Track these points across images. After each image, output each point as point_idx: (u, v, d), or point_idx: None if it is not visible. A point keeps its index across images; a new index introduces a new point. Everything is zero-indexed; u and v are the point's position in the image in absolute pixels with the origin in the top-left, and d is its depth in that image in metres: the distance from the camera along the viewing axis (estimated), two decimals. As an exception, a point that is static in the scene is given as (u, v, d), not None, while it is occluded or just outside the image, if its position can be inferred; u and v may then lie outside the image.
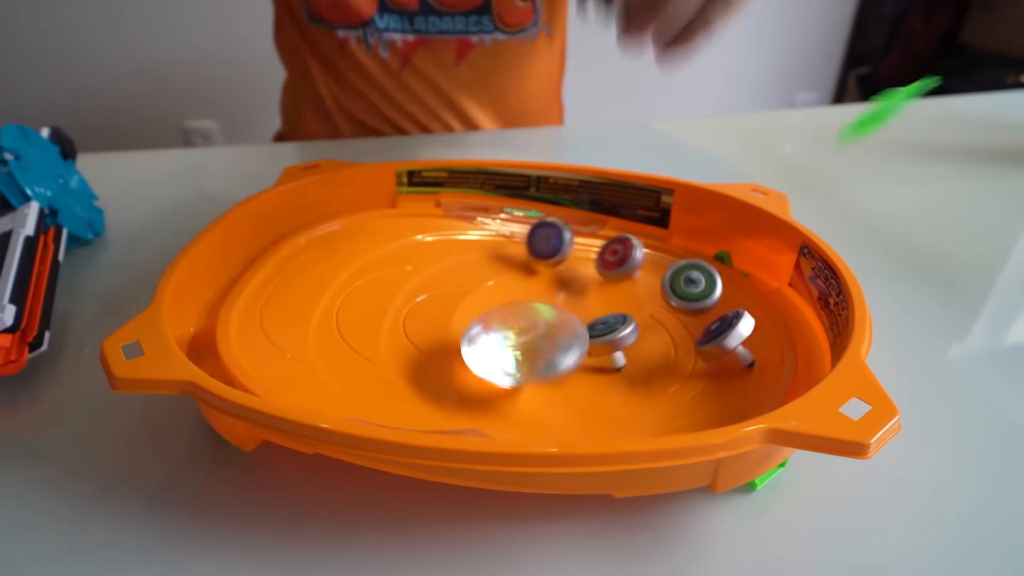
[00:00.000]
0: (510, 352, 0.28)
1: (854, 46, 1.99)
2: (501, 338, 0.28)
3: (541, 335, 0.28)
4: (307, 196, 0.41)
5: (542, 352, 0.28)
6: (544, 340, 0.28)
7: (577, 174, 0.42)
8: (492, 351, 0.28)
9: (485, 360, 0.28)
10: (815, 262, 0.33)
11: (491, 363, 0.28)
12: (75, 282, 0.41)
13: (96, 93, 1.61)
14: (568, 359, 0.27)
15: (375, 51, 0.69)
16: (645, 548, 0.25)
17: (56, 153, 0.45)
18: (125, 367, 0.25)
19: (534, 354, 0.28)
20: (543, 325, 0.28)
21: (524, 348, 0.28)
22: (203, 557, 0.24)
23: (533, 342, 0.28)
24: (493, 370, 0.28)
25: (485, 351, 0.28)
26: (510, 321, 0.29)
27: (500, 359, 0.28)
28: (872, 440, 0.21)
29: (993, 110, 0.71)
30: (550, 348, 0.28)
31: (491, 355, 0.28)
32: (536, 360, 0.27)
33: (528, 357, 0.27)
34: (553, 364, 0.27)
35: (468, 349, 0.29)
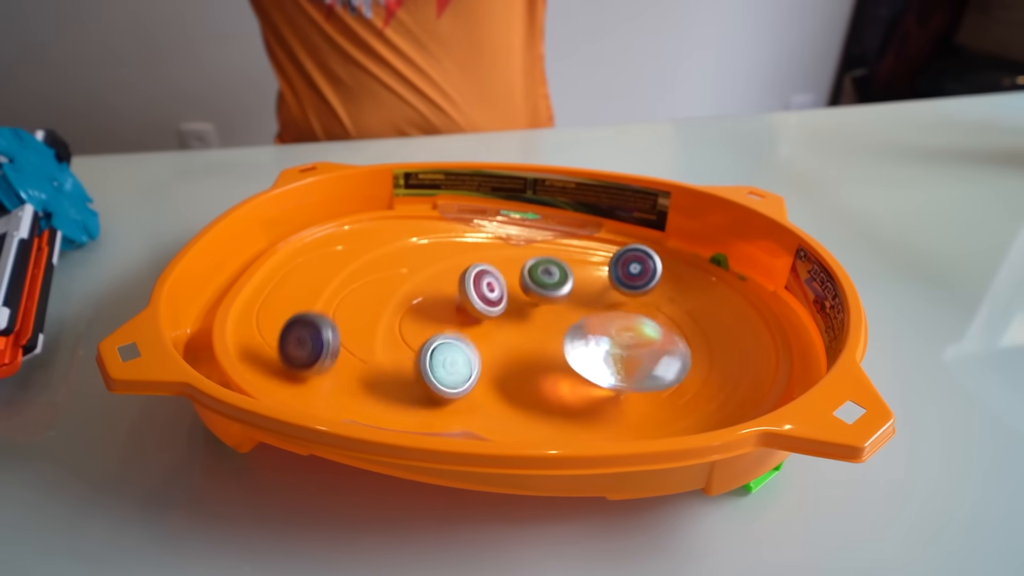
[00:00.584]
0: (613, 358, 0.28)
1: (850, 48, 1.99)
2: (607, 343, 0.28)
3: (644, 345, 0.28)
4: (304, 198, 0.41)
5: (644, 363, 0.28)
6: (647, 351, 0.28)
7: (573, 176, 0.42)
8: (596, 354, 0.28)
9: (588, 362, 0.28)
10: (811, 265, 0.33)
11: (594, 366, 0.28)
12: (69, 285, 0.41)
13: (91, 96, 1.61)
14: (670, 372, 0.28)
15: (359, 12, 0.70)
16: (639, 551, 0.25)
17: (50, 156, 0.45)
18: (121, 368, 0.25)
19: (636, 363, 0.28)
20: (647, 338, 0.29)
21: (628, 356, 0.28)
22: (199, 558, 0.24)
23: (636, 351, 0.28)
24: (596, 372, 0.28)
25: (589, 353, 0.28)
26: (615, 329, 0.29)
27: (604, 363, 0.28)
28: (866, 444, 0.21)
29: (988, 112, 0.71)
30: (652, 360, 0.28)
31: (595, 358, 0.28)
32: (637, 369, 0.28)
33: (630, 365, 0.28)
34: (654, 376, 0.27)
35: (571, 348, 0.29)
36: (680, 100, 2.00)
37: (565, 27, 0.86)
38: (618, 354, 0.28)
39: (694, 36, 1.90)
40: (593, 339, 0.29)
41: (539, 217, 0.43)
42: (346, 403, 0.29)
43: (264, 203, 0.39)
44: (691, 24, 1.87)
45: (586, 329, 0.29)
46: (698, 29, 1.89)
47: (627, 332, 0.29)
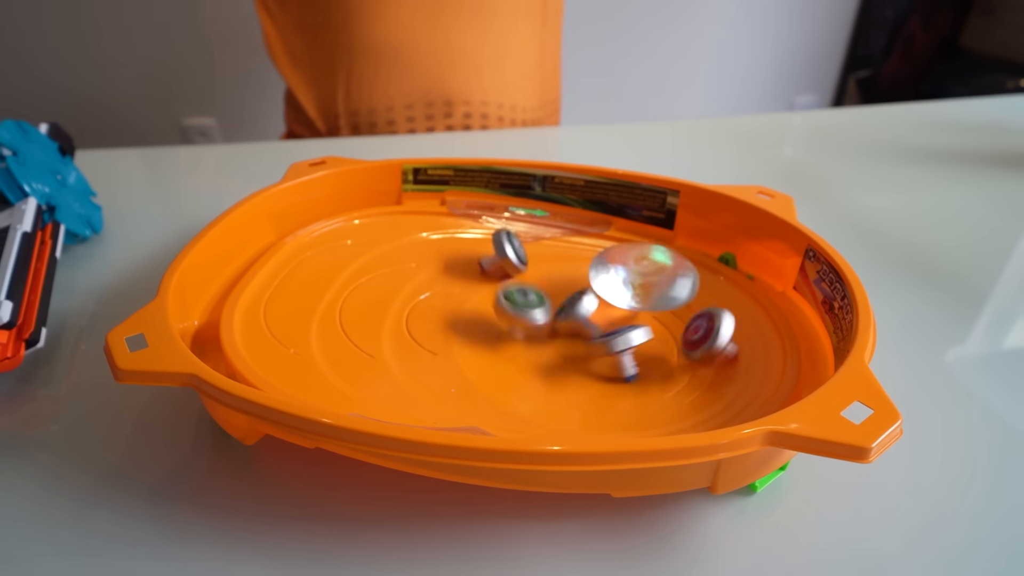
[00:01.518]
0: (632, 285, 0.33)
1: (854, 49, 1.99)
2: (624, 271, 0.33)
3: (657, 270, 0.33)
4: (313, 192, 0.41)
5: (660, 286, 0.33)
6: (660, 276, 0.33)
7: (582, 174, 0.42)
8: (616, 281, 0.33)
9: (611, 288, 0.33)
10: (820, 266, 0.33)
11: (616, 291, 0.33)
12: (73, 279, 0.41)
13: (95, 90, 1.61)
14: (682, 293, 0.33)
15: None
16: (644, 549, 0.25)
17: (54, 149, 0.45)
18: (129, 359, 0.25)
19: (651, 287, 0.33)
20: (660, 264, 0.33)
21: (644, 282, 0.33)
22: (205, 550, 0.24)
23: (652, 276, 0.33)
24: (618, 297, 0.33)
25: (611, 281, 0.33)
26: (633, 258, 0.34)
27: (623, 288, 0.33)
28: (873, 444, 0.21)
29: (993, 115, 0.71)
30: (666, 283, 0.33)
31: (616, 284, 0.33)
32: (653, 292, 0.33)
33: (647, 290, 0.33)
34: (668, 296, 0.33)
35: (596, 277, 0.33)
36: (683, 101, 1.99)
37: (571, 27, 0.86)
38: (636, 280, 0.33)
39: (698, 37, 1.89)
40: (613, 267, 0.33)
41: (548, 214, 0.43)
42: (352, 397, 0.29)
43: (273, 196, 0.39)
44: (695, 25, 1.87)
45: (607, 258, 0.34)
46: (702, 30, 1.88)
47: (644, 260, 0.33)
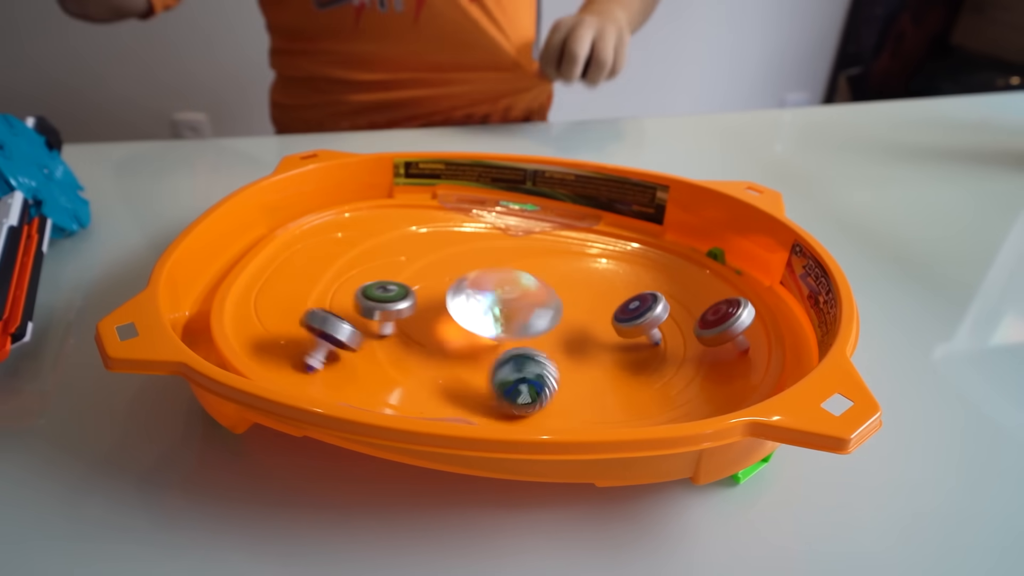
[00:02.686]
0: (493, 311, 0.31)
1: (845, 47, 2.00)
2: (487, 297, 0.31)
3: (520, 298, 0.31)
4: (305, 185, 0.41)
5: (521, 314, 0.31)
6: (524, 303, 0.31)
7: (573, 168, 0.42)
8: (476, 308, 0.31)
9: (470, 315, 0.31)
10: (806, 261, 0.33)
11: (475, 318, 0.31)
12: (59, 274, 0.41)
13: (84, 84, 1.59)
14: (542, 322, 0.30)
15: (390, 8, 0.70)
16: (627, 538, 0.25)
17: (41, 143, 0.45)
18: (119, 347, 0.25)
19: (514, 315, 0.31)
20: (523, 290, 0.31)
21: (506, 309, 0.31)
22: (194, 536, 0.25)
23: (514, 303, 0.31)
24: (477, 324, 0.31)
25: (470, 307, 0.31)
26: (495, 284, 0.32)
27: (484, 316, 0.31)
28: (852, 435, 0.21)
29: (982, 112, 0.71)
30: (528, 311, 0.31)
31: (476, 311, 0.31)
32: (515, 320, 0.30)
33: (509, 317, 0.30)
34: (530, 326, 0.30)
35: (453, 303, 0.31)
36: (674, 97, 2.00)
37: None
38: (498, 307, 0.30)
39: (690, 33, 1.89)
40: (475, 293, 0.31)
41: (538, 208, 0.44)
42: (341, 387, 0.29)
43: (265, 189, 0.39)
44: (687, 21, 1.87)
45: (468, 283, 0.32)
46: (694, 26, 1.88)
47: (506, 285, 0.31)
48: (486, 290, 0.31)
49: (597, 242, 0.41)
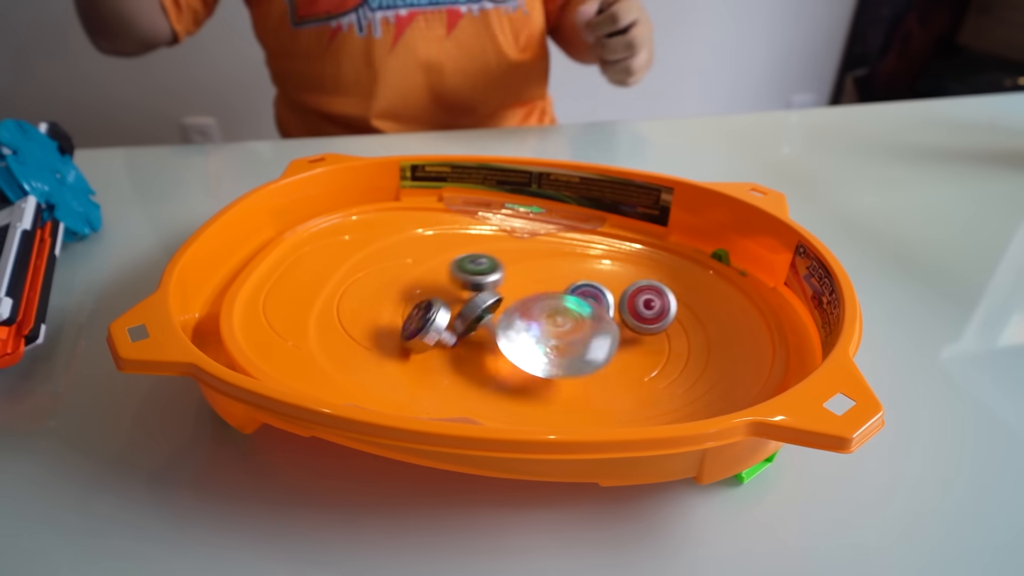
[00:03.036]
0: (545, 347, 0.29)
1: (851, 48, 1.99)
2: (537, 332, 0.29)
3: (572, 330, 0.29)
4: (312, 188, 0.42)
5: (575, 348, 0.28)
6: (577, 335, 0.29)
7: (578, 171, 0.43)
8: (528, 344, 0.29)
9: (522, 352, 0.29)
10: (810, 261, 0.33)
11: (527, 355, 0.29)
12: (72, 276, 0.41)
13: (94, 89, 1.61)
14: (599, 355, 0.28)
15: (368, 32, 0.70)
16: (632, 537, 0.25)
17: (53, 148, 0.46)
18: (131, 348, 0.25)
19: (567, 350, 0.29)
20: (576, 320, 0.29)
21: (559, 343, 0.29)
22: (203, 534, 0.25)
23: (566, 336, 0.29)
24: (529, 362, 0.29)
25: (522, 343, 0.29)
26: (545, 315, 0.30)
27: (536, 352, 0.29)
28: (855, 435, 0.22)
29: (990, 113, 0.71)
30: (582, 344, 0.28)
31: (527, 348, 0.29)
32: (569, 356, 0.28)
33: (562, 352, 0.28)
34: (586, 361, 0.28)
35: (505, 341, 0.29)
36: (681, 99, 2.00)
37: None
38: (550, 342, 0.29)
39: (695, 35, 1.89)
40: (524, 325, 0.29)
41: (544, 211, 0.44)
42: (348, 387, 0.29)
43: (273, 192, 0.40)
44: (693, 23, 1.87)
45: (518, 315, 0.30)
46: (699, 28, 1.88)
47: (558, 315, 0.30)
48: (536, 321, 0.29)
49: (602, 244, 0.41)
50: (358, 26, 0.70)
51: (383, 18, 0.70)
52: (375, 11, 0.69)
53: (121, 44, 0.70)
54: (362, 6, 0.69)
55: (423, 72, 0.73)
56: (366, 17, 0.69)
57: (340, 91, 0.74)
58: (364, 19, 0.69)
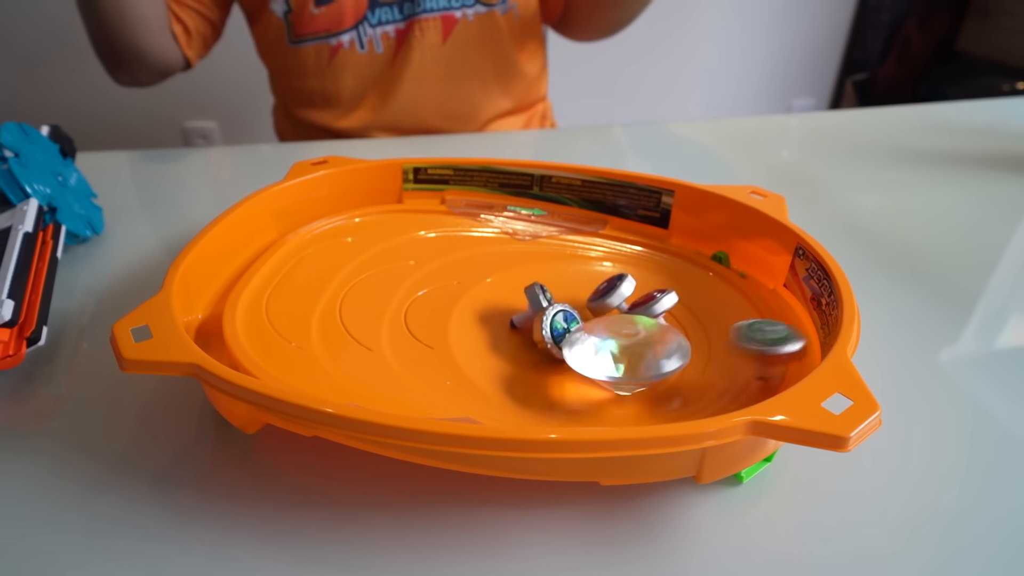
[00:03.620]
0: (613, 356, 0.28)
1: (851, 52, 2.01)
2: (605, 343, 0.29)
3: (642, 342, 0.29)
4: (315, 191, 0.42)
5: (645, 358, 0.28)
6: (646, 347, 0.29)
7: (579, 174, 0.43)
8: (595, 354, 0.29)
9: (588, 362, 0.29)
10: (809, 263, 0.33)
11: (595, 365, 0.28)
12: (73, 279, 0.41)
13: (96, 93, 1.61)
14: (671, 364, 0.28)
15: (369, 48, 0.71)
16: (631, 536, 0.25)
17: (55, 151, 0.46)
18: (134, 349, 0.26)
19: (637, 359, 0.28)
20: (645, 333, 0.29)
21: (627, 353, 0.28)
22: (207, 534, 0.25)
23: (636, 348, 0.29)
24: (597, 371, 0.28)
25: (588, 353, 0.29)
26: (614, 328, 0.30)
27: (603, 361, 0.28)
28: (852, 434, 0.22)
29: (988, 117, 0.71)
30: (653, 355, 0.28)
31: (594, 357, 0.29)
32: (639, 365, 0.28)
33: (631, 362, 0.28)
34: (657, 368, 0.28)
35: (570, 352, 0.29)
36: (681, 103, 2.00)
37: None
38: (618, 352, 0.28)
39: (696, 40, 1.90)
40: (592, 338, 0.29)
41: (545, 213, 0.44)
42: (351, 388, 0.30)
43: (276, 194, 0.40)
44: (693, 28, 1.87)
45: (585, 331, 0.30)
46: (700, 33, 1.89)
47: (626, 328, 0.29)
48: (604, 336, 0.29)
49: (603, 246, 0.41)
50: (359, 43, 0.71)
51: (383, 33, 0.70)
52: (375, 27, 0.70)
53: (139, 75, 0.72)
54: (361, 23, 0.70)
55: (423, 83, 0.74)
56: (366, 34, 0.70)
57: (342, 107, 0.75)
58: (364, 36, 0.70)
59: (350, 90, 0.74)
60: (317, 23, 0.70)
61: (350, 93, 0.74)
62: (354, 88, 0.74)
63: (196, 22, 0.71)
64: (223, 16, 0.75)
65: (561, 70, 0.89)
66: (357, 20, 0.69)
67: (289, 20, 0.70)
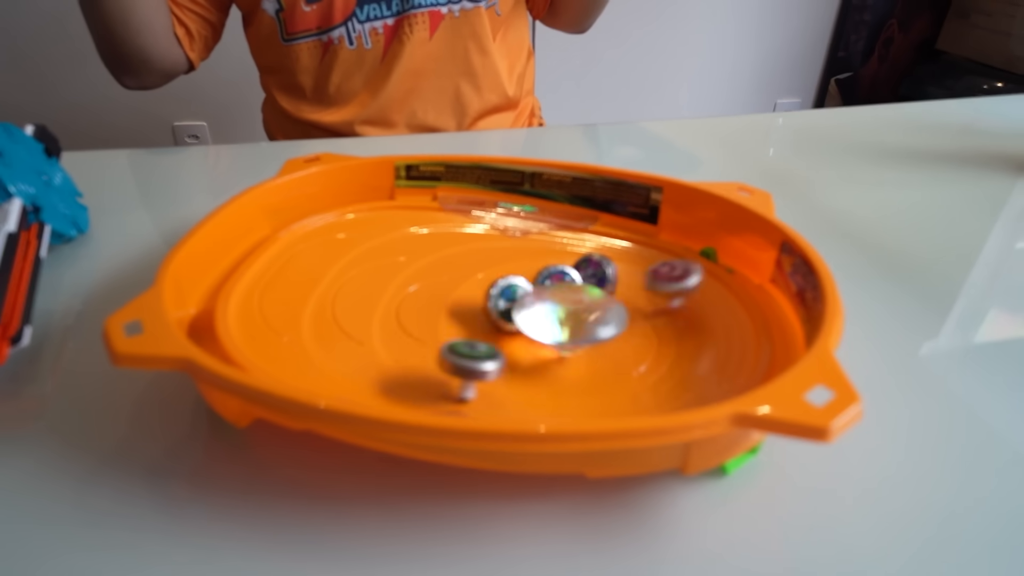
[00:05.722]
0: (557, 319, 0.31)
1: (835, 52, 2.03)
2: (550, 307, 0.32)
3: (584, 309, 0.32)
4: (307, 187, 0.42)
5: (585, 323, 0.31)
6: (587, 314, 0.31)
7: (570, 171, 0.43)
8: (541, 317, 0.31)
9: (536, 326, 0.31)
10: (795, 259, 0.34)
11: (542, 329, 0.31)
12: (58, 279, 0.41)
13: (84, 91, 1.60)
14: (607, 331, 0.31)
15: (358, 44, 0.71)
16: (618, 528, 0.26)
17: (39, 151, 0.45)
18: (126, 343, 0.26)
19: (579, 324, 0.31)
20: (588, 301, 0.32)
21: (570, 318, 0.31)
22: (200, 526, 0.26)
23: (578, 314, 0.31)
24: (542, 333, 0.31)
25: (535, 316, 0.32)
26: (560, 295, 0.32)
27: (548, 325, 0.31)
28: (832, 424, 0.22)
29: (967, 116, 0.72)
30: (593, 321, 0.31)
31: (540, 321, 0.31)
32: (579, 330, 0.31)
33: (574, 326, 0.31)
34: (595, 334, 0.31)
35: (520, 314, 0.32)
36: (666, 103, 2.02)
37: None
38: (563, 315, 0.31)
39: (681, 39, 1.91)
40: (539, 303, 0.32)
41: (536, 210, 0.44)
42: (342, 382, 0.30)
43: (268, 191, 0.40)
44: (678, 27, 1.88)
45: (533, 295, 0.32)
46: (685, 33, 1.90)
47: (573, 296, 0.32)
48: (550, 301, 0.32)
49: (593, 242, 0.42)
50: (348, 39, 0.71)
51: (371, 29, 0.71)
52: (363, 23, 0.70)
53: (144, 79, 0.72)
54: (350, 19, 0.70)
55: (412, 78, 0.74)
56: (355, 29, 0.71)
57: (333, 103, 0.76)
58: (353, 32, 0.71)
59: (341, 86, 0.74)
60: (308, 20, 0.70)
61: (341, 89, 0.74)
62: (344, 84, 0.74)
63: (197, 24, 0.72)
64: (222, 18, 0.75)
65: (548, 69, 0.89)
66: (346, 16, 0.70)
67: (281, 18, 0.71)
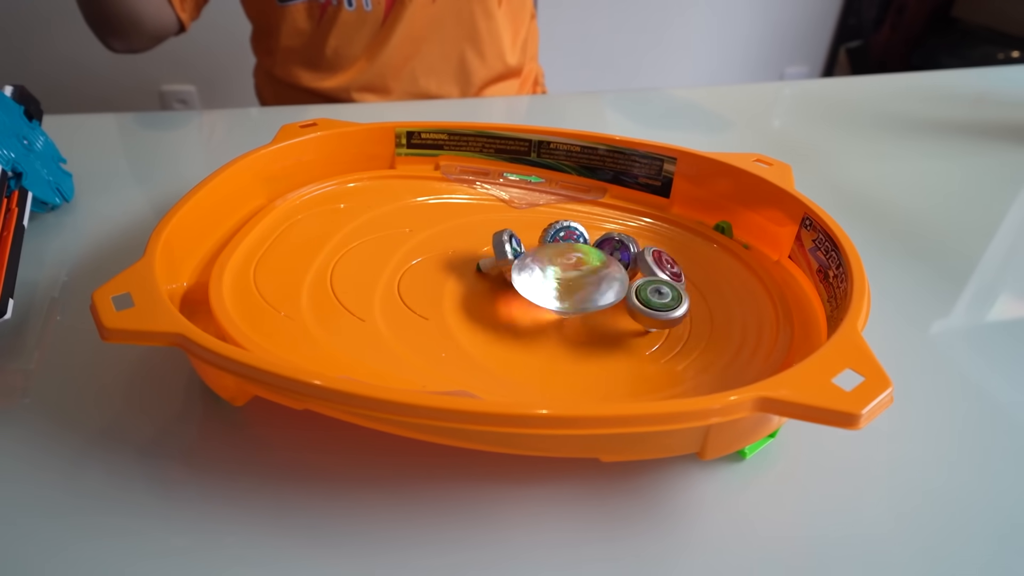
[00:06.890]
0: (555, 284, 0.30)
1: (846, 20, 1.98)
2: (550, 271, 0.31)
3: (585, 273, 0.30)
4: (304, 154, 0.41)
5: (585, 288, 0.30)
6: (588, 278, 0.30)
7: (579, 140, 0.42)
8: (540, 281, 0.30)
9: (533, 288, 0.30)
10: (816, 234, 0.32)
11: (539, 291, 0.30)
12: (42, 249, 0.39)
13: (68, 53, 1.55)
14: (607, 297, 0.30)
15: (358, 6, 0.69)
16: (632, 513, 0.25)
17: (20, 113, 0.43)
18: (115, 318, 0.25)
19: (577, 288, 0.30)
20: (588, 265, 0.31)
21: (569, 282, 0.30)
22: (195, 507, 0.24)
23: (578, 279, 0.30)
24: (541, 297, 0.30)
25: (534, 280, 0.31)
26: (559, 258, 0.31)
27: (547, 289, 0.30)
28: (864, 411, 0.21)
29: (982, 86, 0.70)
30: (592, 285, 0.30)
31: (539, 284, 0.30)
32: (578, 294, 0.30)
33: (572, 290, 0.30)
34: (593, 300, 0.30)
35: (518, 277, 0.31)
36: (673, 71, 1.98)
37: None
38: (561, 279, 0.30)
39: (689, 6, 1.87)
40: (539, 267, 0.31)
41: (543, 180, 0.43)
42: (342, 359, 0.29)
43: (263, 158, 0.38)
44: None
45: (531, 258, 0.31)
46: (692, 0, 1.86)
47: (572, 256, 0.31)
48: (549, 264, 0.31)
49: (602, 215, 0.40)
50: (347, 1, 0.68)
51: None
52: None
53: (133, 41, 0.69)
54: None
55: (413, 43, 0.72)
56: None
57: (331, 67, 0.73)
58: None
59: (338, 49, 0.72)
60: None
61: (338, 52, 0.72)
62: (342, 48, 0.72)
63: None
64: None
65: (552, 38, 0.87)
66: None
67: None
